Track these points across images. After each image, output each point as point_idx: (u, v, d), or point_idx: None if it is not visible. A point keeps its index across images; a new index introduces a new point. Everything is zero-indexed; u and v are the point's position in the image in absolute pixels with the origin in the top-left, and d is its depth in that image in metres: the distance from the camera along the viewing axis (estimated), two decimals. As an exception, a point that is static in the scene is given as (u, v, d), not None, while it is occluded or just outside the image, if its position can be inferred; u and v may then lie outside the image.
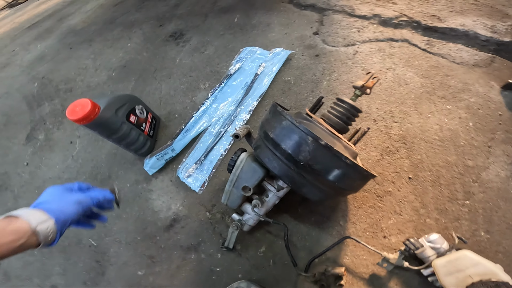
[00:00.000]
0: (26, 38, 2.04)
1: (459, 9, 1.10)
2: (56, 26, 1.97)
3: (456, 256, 0.64)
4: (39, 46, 1.89)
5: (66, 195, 0.54)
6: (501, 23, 1.03)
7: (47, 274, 1.02)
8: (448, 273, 0.63)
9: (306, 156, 0.59)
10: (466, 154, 0.81)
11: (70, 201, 0.53)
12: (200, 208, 0.93)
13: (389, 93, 0.95)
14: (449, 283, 0.63)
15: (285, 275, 0.80)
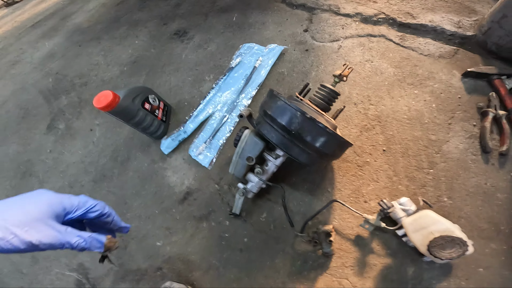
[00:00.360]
0: (32, 36, 2.04)
1: (431, 6, 1.20)
2: (61, 25, 1.98)
3: (420, 215, 0.74)
4: (47, 44, 1.91)
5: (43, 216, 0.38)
6: (467, 19, 1.14)
7: (74, 253, 1.04)
8: (415, 230, 0.73)
9: (296, 127, 0.71)
10: (429, 130, 0.93)
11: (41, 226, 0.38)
12: (209, 181, 1.04)
13: (367, 81, 1.06)
14: (416, 239, 0.72)
15: (284, 236, 0.90)
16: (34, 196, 0.40)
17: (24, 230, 0.36)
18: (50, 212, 0.38)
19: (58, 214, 0.39)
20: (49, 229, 0.37)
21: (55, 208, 0.39)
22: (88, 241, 0.41)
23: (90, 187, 1.19)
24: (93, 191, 1.18)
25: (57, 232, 0.38)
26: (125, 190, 1.13)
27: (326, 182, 0.93)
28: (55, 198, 0.40)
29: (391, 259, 0.79)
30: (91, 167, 1.22)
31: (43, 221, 0.37)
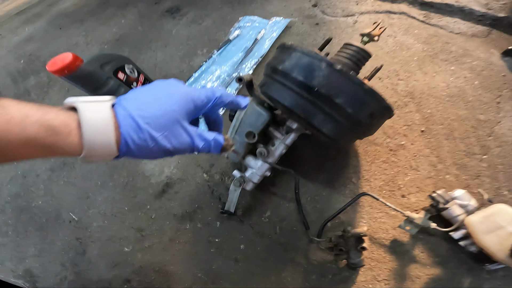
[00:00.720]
0: (14, 23, 1.82)
1: (452, -12, 1.04)
2: (46, 11, 1.77)
3: (492, 211, 0.52)
4: (27, 29, 1.68)
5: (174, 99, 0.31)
6: (495, 1, 0.98)
7: (20, 257, 0.83)
8: (488, 230, 0.51)
9: (320, 81, 0.48)
10: (476, 109, 0.72)
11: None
12: (196, 169, 0.78)
13: (392, 56, 0.85)
14: (490, 243, 0.50)
15: (294, 242, 0.66)
16: (170, 91, 0.32)
17: (164, 135, 0.30)
18: (183, 112, 0.32)
19: (189, 113, 0.33)
20: (184, 133, 0.32)
21: (188, 107, 0.32)
22: (211, 144, 0.35)
23: (46, 176, 0.91)
24: (49, 182, 0.89)
25: (189, 138, 0.32)
26: (88, 180, 0.85)
27: (349, 170, 0.69)
28: (187, 94, 0.32)
29: (441, 268, 0.57)
30: (50, 153, 0.94)
31: (179, 124, 0.31)
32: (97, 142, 0.27)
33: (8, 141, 0.24)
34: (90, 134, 0.27)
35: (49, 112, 0.26)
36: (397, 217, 0.63)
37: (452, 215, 0.56)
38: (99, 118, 0.27)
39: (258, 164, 0.63)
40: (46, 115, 0.25)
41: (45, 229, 0.85)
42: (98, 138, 0.27)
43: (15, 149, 0.25)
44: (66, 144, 0.26)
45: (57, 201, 0.87)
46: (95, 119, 0.27)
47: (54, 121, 0.26)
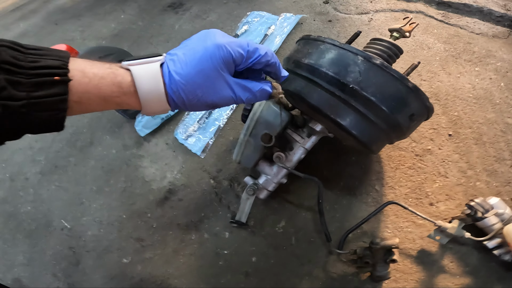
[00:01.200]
0: (9, 20, 1.72)
1: (469, -12, 1.00)
2: (42, 7, 1.67)
3: None
4: (22, 25, 1.58)
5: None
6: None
7: (9, 265, 0.75)
8: None
9: (356, 77, 0.41)
10: (504, 112, 0.67)
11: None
12: (202, 174, 0.70)
13: (412, 55, 0.80)
14: None
15: (311, 255, 0.59)
16: (207, 45, 0.31)
17: (203, 91, 0.32)
18: (222, 65, 0.32)
19: (229, 66, 0.33)
20: (224, 87, 0.33)
21: (226, 60, 0.32)
22: (257, 95, 0.36)
23: (35, 180, 0.83)
24: (39, 186, 0.81)
25: (232, 92, 0.34)
26: (82, 185, 0.77)
27: (372, 176, 0.63)
28: (225, 47, 0.31)
29: (471, 278, 0.53)
30: (40, 154, 0.86)
31: (219, 78, 0.32)
32: (151, 99, 0.31)
33: (89, 99, 0.29)
34: (144, 93, 0.31)
35: (118, 74, 0.30)
36: (424, 226, 0.58)
37: (487, 224, 0.52)
38: (150, 80, 0.31)
39: (273, 170, 0.57)
40: (116, 77, 0.30)
41: (34, 236, 0.77)
42: (150, 96, 0.31)
43: (95, 104, 0.30)
44: (131, 101, 0.31)
45: (47, 207, 0.78)
46: (146, 81, 0.31)
47: (122, 83, 0.30)
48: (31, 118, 0.26)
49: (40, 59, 0.26)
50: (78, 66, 0.28)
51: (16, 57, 0.25)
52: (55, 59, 0.27)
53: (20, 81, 0.25)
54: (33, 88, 0.25)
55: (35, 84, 0.25)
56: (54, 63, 0.26)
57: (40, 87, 0.25)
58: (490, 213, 0.50)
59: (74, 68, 0.28)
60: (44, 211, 0.78)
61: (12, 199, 0.82)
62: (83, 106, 0.29)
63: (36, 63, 0.26)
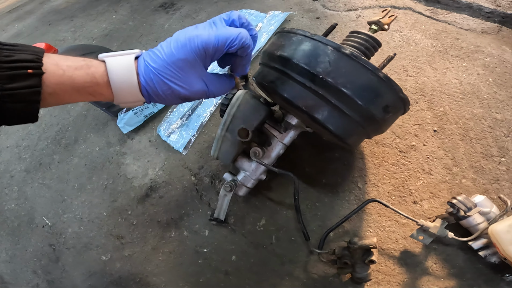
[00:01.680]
0: (5, 21, 1.74)
1: (457, -16, 0.98)
2: (38, 8, 1.69)
3: None
4: (17, 26, 1.59)
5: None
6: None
7: None
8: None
9: (326, 67, 0.40)
10: (492, 107, 0.64)
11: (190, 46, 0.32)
12: (184, 171, 0.69)
13: (399, 50, 0.78)
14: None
15: (292, 254, 0.57)
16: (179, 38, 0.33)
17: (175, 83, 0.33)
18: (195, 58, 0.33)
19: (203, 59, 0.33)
20: (199, 80, 0.34)
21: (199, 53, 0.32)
22: (223, 89, 0.38)
23: (20, 178, 0.82)
24: (23, 184, 0.80)
25: (205, 85, 0.35)
26: (65, 182, 0.76)
27: (355, 173, 0.61)
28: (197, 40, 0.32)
29: (456, 280, 0.51)
30: (26, 152, 0.85)
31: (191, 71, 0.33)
32: (123, 90, 0.32)
33: (63, 90, 0.30)
34: (116, 83, 0.31)
35: (91, 65, 0.31)
36: (408, 225, 0.55)
37: (472, 224, 0.49)
38: (123, 70, 0.32)
39: (252, 167, 0.55)
40: (90, 68, 0.31)
41: (17, 234, 0.76)
42: (123, 86, 0.32)
43: (69, 95, 0.31)
44: (104, 92, 0.32)
45: (30, 205, 0.77)
46: (119, 71, 0.31)
47: (95, 73, 0.31)
48: (6, 109, 0.27)
49: (14, 54, 0.27)
50: (53, 60, 0.29)
51: None
52: (29, 54, 0.28)
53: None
54: (7, 81, 0.26)
55: (9, 76, 0.26)
56: (27, 57, 0.27)
57: (14, 79, 0.26)
58: (473, 212, 0.47)
59: (48, 61, 0.29)
60: (27, 208, 0.77)
61: (-3, 197, 0.82)
62: (57, 97, 0.30)
63: (11, 57, 0.27)
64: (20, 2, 1.97)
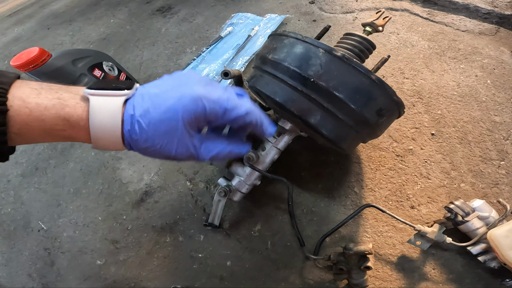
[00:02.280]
0: (5, 24, 1.74)
1: (455, -14, 0.97)
2: (37, 12, 1.70)
3: None
4: (16, 29, 1.60)
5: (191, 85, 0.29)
6: (500, 0, 0.91)
7: None
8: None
9: (317, 70, 0.39)
10: (491, 110, 0.63)
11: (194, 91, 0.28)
12: (179, 176, 0.68)
13: (396, 53, 0.77)
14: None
15: (288, 259, 0.56)
16: (181, 93, 0.28)
17: (163, 143, 0.28)
18: (194, 123, 0.29)
19: (200, 123, 0.29)
20: (188, 145, 0.29)
21: (199, 118, 0.28)
22: (225, 155, 0.33)
23: (16, 182, 0.82)
24: (19, 188, 0.80)
25: (194, 150, 0.30)
26: (61, 187, 0.76)
27: (351, 178, 0.60)
28: (203, 104, 0.28)
29: (456, 285, 0.49)
30: (23, 156, 0.85)
31: (186, 135, 0.29)
32: (104, 140, 0.28)
33: (29, 131, 0.26)
34: (96, 129, 0.27)
35: (67, 105, 0.27)
36: (405, 230, 0.54)
37: (470, 229, 0.48)
38: (107, 117, 0.27)
39: (246, 172, 0.54)
40: (64, 109, 0.26)
41: (13, 237, 0.75)
42: (104, 134, 0.28)
43: (36, 136, 0.27)
44: (79, 135, 0.28)
45: (26, 209, 0.77)
46: (103, 118, 0.27)
47: (71, 115, 0.27)
48: None
49: None
50: (21, 94, 0.25)
51: None
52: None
53: None
54: None
55: None
56: None
57: None
58: (471, 216, 0.46)
59: (15, 96, 0.25)
60: (23, 212, 0.77)
61: (-7, 201, 0.81)
62: (25, 137, 0.27)
63: None
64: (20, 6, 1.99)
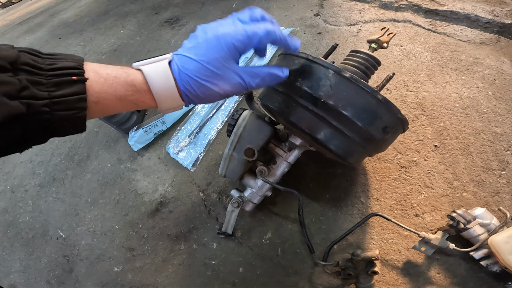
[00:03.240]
0: (16, 33, 1.80)
1: (456, -4, 1.00)
2: (48, 21, 1.74)
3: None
4: (28, 38, 1.65)
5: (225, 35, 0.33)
6: (500, 8, 0.93)
7: (6, 272, 0.78)
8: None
9: (328, 91, 0.42)
10: (492, 121, 0.66)
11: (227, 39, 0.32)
12: (192, 188, 0.71)
13: (399, 65, 0.80)
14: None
15: (297, 266, 0.59)
16: (208, 38, 0.33)
17: (212, 82, 0.33)
18: (227, 55, 0.33)
19: (234, 55, 0.34)
20: (234, 76, 0.34)
21: (230, 49, 0.33)
22: (267, 79, 0.38)
23: (34, 192, 0.85)
24: (37, 198, 0.84)
25: (241, 79, 0.35)
26: (78, 197, 0.79)
27: (357, 188, 0.62)
28: (228, 38, 0.32)
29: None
30: (40, 167, 0.89)
31: (225, 68, 0.33)
32: (165, 96, 0.32)
33: (106, 99, 0.30)
34: (157, 90, 0.32)
35: (130, 74, 0.31)
36: (410, 237, 0.57)
37: (472, 235, 0.51)
38: (161, 77, 0.32)
39: (258, 184, 0.57)
40: (128, 76, 0.31)
41: (31, 245, 0.79)
42: (164, 92, 0.32)
43: (112, 104, 0.31)
44: (146, 99, 0.32)
45: (44, 217, 0.81)
46: (158, 79, 0.32)
47: (135, 81, 0.31)
48: (54, 118, 0.26)
49: (57, 62, 0.27)
50: (92, 68, 0.30)
51: (35, 60, 0.26)
52: (70, 61, 0.28)
53: (41, 81, 0.26)
54: (54, 88, 0.26)
55: (55, 84, 0.26)
56: (70, 64, 0.28)
57: (59, 86, 0.26)
58: (472, 224, 0.49)
59: (88, 69, 0.29)
60: (41, 221, 0.81)
61: (12, 210, 0.85)
62: (102, 106, 0.30)
63: (54, 65, 0.27)
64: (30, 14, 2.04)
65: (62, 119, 0.27)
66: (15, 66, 0.25)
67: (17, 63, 0.25)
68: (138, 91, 0.31)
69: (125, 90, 0.31)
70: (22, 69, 0.25)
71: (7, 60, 0.24)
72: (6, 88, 0.23)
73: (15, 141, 0.26)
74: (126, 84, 0.31)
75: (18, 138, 0.26)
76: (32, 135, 0.27)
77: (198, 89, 0.33)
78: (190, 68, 0.32)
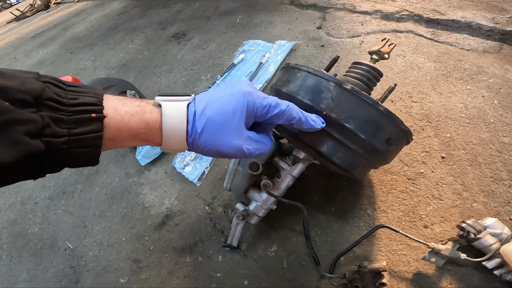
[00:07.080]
0: (29, 46, 1.87)
1: (457, 5, 1.01)
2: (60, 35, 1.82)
3: None
4: (41, 52, 1.72)
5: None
6: (500, 16, 0.94)
7: (12, 281, 0.79)
8: None
9: (329, 103, 0.43)
10: (499, 131, 0.65)
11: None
12: (198, 201, 0.72)
13: (403, 76, 0.81)
14: None
15: (303, 278, 0.58)
16: (235, 93, 0.34)
17: (221, 137, 0.33)
18: (244, 115, 0.34)
19: (249, 117, 0.35)
20: (239, 141, 0.34)
21: (249, 110, 0.34)
22: (261, 150, 0.37)
23: (44, 204, 0.87)
24: (47, 210, 0.85)
25: (244, 145, 0.35)
26: (87, 209, 0.80)
27: (364, 201, 0.62)
28: (252, 98, 0.34)
29: None
30: (50, 181, 0.91)
31: (237, 132, 0.34)
32: (172, 136, 0.32)
33: (120, 136, 0.30)
34: (167, 130, 0.32)
35: (146, 111, 0.31)
36: (420, 248, 0.56)
37: (484, 245, 0.50)
38: (176, 118, 0.32)
39: (263, 197, 0.57)
40: (144, 114, 0.31)
41: (39, 255, 0.80)
42: (173, 133, 0.32)
43: (125, 141, 0.31)
44: (154, 138, 0.32)
45: (53, 229, 0.82)
46: (173, 119, 0.32)
47: (149, 119, 0.31)
48: (70, 154, 0.26)
49: (79, 96, 0.27)
50: (111, 104, 0.29)
51: (58, 94, 0.26)
52: (92, 96, 0.28)
53: (62, 118, 0.26)
54: (73, 125, 0.26)
55: (75, 121, 0.26)
56: (91, 100, 0.28)
57: (79, 124, 0.26)
58: (483, 234, 0.48)
59: (107, 105, 0.29)
60: (50, 232, 0.82)
61: (21, 221, 0.87)
62: (115, 142, 0.30)
63: (76, 100, 0.27)
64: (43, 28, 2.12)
65: (78, 154, 0.27)
66: (39, 101, 0.25)
67: (41, 97, 0.25)
68: (150, 130, 0.31)
69: (138, 127, 0.31)
70: (46, 104, 0.25)
71: (33, 95, 0.24)
72: (28, 127, 0.23)
73: (32, 175, 0.26)
74: (141, 122, 0.31)
75: (35, 173, 0.26)
76: (47, 168, 0.27)
77: (206, 138, 0.33)
78: (207, 114, 0.32)
